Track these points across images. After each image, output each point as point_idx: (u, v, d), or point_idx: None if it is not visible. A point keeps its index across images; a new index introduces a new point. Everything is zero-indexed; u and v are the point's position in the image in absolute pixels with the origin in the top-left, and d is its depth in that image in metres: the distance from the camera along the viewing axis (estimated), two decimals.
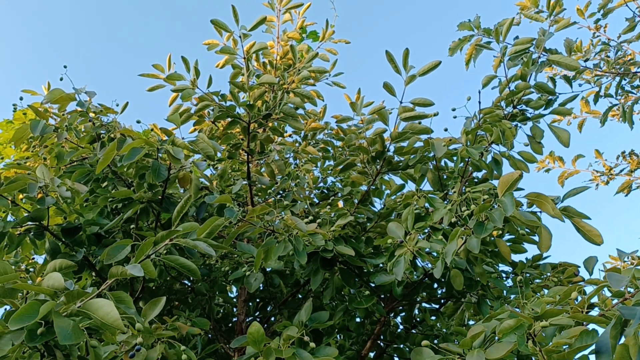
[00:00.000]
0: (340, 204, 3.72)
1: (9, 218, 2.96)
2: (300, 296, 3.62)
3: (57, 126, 3.04)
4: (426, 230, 2.89)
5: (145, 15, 12.82)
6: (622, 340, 1.52)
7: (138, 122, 3.12)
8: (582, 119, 6.81)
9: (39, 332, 1.51)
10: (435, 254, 2.71)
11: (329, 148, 4.08)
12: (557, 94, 3.42)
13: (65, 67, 3.06)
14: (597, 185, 7.42)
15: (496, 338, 1.96)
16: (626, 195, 6.86)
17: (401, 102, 2.95)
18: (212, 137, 3.73)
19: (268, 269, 3.23)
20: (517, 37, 3.63)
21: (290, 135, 4.36)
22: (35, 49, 12.30)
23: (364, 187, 3.46)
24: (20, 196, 2.94)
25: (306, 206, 3.31)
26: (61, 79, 3.05)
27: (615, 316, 1.53)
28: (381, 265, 3.01)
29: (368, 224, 3.28)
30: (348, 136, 3.26)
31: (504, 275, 3.27)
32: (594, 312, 2.02)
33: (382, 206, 3.54)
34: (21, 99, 3.26)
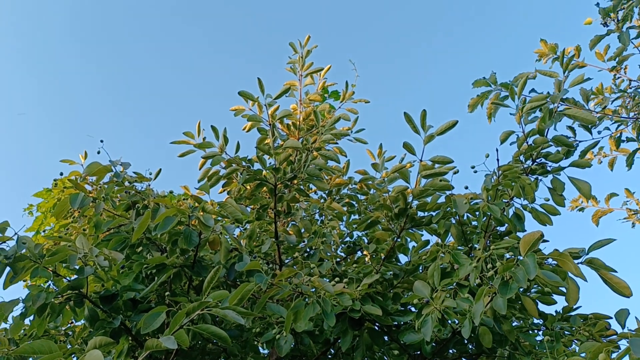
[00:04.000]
0: (367, 258, 3.76)
1: (51, 285, 3.11)
2: (332, 350, 3.63)
3: (95, 197, 3.22)
4: (453, 285, 2.90)
5: (177, 80, 13.50)
6: None
7: (171, 192, 3.28)
8: (613, 158, 6.75)
9: None
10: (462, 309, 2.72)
11: (354, 202, 4.16)
12: (577, 142, 3.45)
13: (102, 141, 3.27)
14: (633, 224, 7.27)
15: None
16: None
17: (421, 160, 3.03)
18: (240, 197, 3.87)
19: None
20: (533, 90, 3.70)
21: (315, 192, 4.47)
22: (69, 117, 13.00)
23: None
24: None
25: (333, 264, 3.37)
26: (98, 152, 3.26)
27: None
28: (410, 321, 3.03)
29: (395, 280, 3.31)
30: (371, 195, 3.34)
31: (534, 327, 3.23)
32: None
33: (409, 260, 3.57)
34: (61, 174, 3.47)
